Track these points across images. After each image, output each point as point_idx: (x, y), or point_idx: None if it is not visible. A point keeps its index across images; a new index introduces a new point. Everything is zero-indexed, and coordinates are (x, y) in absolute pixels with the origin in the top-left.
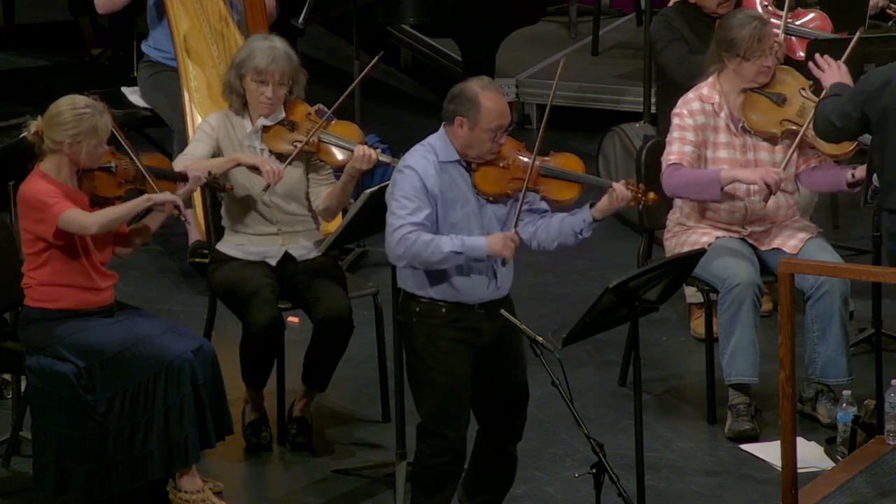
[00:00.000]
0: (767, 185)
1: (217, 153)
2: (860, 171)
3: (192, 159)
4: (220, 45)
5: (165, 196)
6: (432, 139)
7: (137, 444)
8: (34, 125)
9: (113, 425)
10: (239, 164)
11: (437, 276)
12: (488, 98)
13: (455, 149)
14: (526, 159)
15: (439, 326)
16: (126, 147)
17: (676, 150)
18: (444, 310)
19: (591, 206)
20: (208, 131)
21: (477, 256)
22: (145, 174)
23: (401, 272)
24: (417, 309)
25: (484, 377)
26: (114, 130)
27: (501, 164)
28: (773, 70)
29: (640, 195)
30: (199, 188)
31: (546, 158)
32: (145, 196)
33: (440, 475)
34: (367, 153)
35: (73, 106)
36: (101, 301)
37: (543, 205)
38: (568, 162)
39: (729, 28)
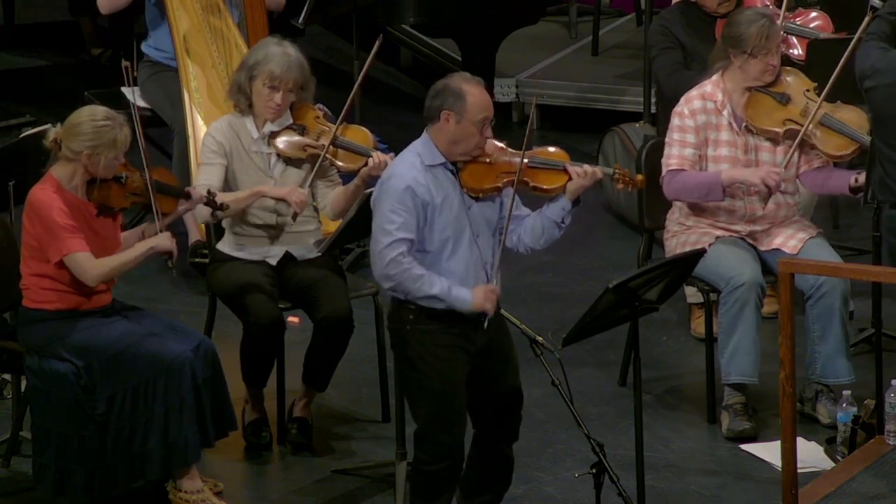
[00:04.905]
0: (767, 187)
1: (228, 170)
2: (864, 177)
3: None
4: (220, 45)
5: (165, 245)
6: (416, 145)
7: (137, 443)
8: (53, 133)
9: (113, 425)
10: (263, 196)
11: None
12: (473, 91)
13: (440, 151)
14: (510, 156)
15: (434, 333)
16: (143, 157)
17: (677, 154)
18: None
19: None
20: (215, 149)
21: (460, 308)
22: (150, 190)
23: None
24: (410, 317)
25: (478, 381)
26: (137, 135)
27: (487, 161)
28: (778, 70)
29: (628, 179)
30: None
31: (531, 151)
32: (148, 245)
33: (439, 480)
34: (383, 160)
35: (92, 118)
36: (100, 302)
37: (525, 210)
38: (553, 152)
39: (737, 24)
